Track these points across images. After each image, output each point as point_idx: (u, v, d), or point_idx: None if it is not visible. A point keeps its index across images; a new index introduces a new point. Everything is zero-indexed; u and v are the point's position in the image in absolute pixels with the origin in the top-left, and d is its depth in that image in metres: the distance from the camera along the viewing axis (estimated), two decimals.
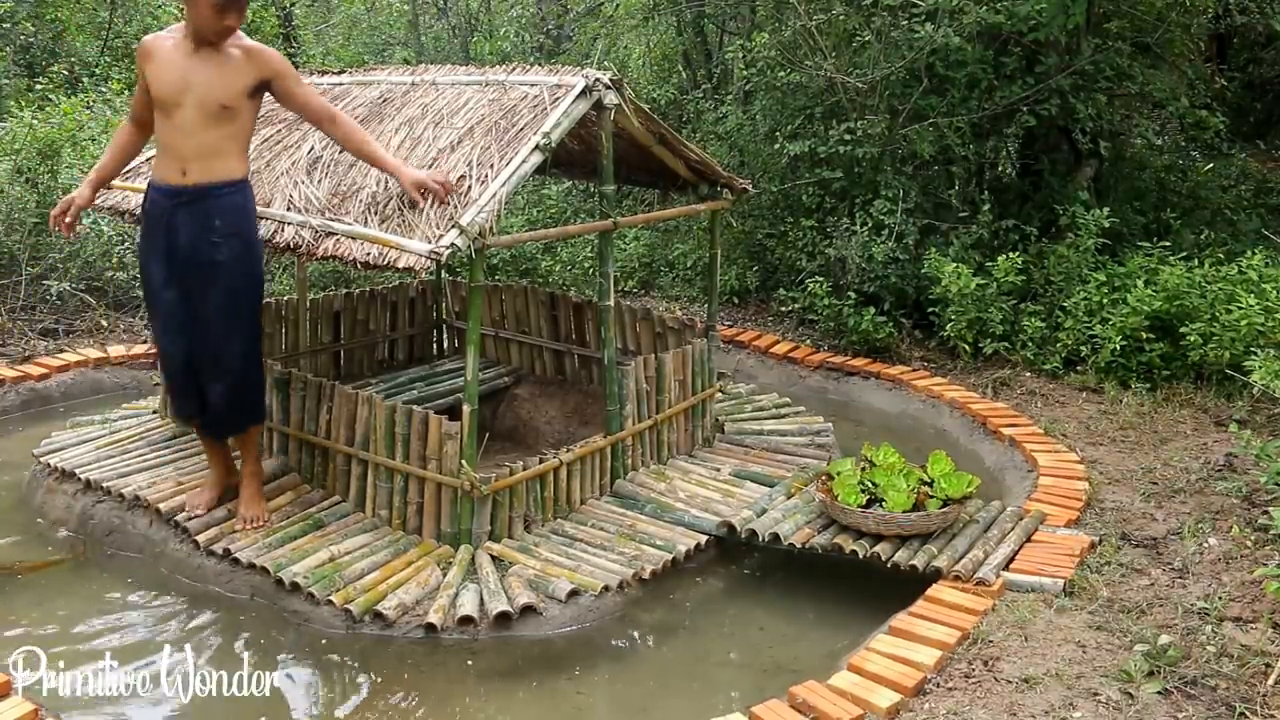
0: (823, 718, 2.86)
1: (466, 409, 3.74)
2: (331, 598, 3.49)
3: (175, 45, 3.60)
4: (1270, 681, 2.94)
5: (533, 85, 4.01)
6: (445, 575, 3.65)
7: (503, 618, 3.46)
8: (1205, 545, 3.82)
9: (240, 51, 3.61)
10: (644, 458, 4.55)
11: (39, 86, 9.03)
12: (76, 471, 4.31)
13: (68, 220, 3.87)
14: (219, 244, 3.63)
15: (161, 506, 4.00)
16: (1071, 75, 6.35)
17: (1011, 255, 5.96)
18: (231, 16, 3.51)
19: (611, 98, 3.96)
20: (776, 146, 6.96)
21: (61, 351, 6.07)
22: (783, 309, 7.02)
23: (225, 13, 3.49)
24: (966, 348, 6.01)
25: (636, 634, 3.61)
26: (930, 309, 6.23)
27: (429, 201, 3.61)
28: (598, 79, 3.91)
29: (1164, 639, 3.14)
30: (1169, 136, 8.15)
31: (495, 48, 10.78)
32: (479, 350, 3.84)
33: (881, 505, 3.86)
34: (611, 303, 4.24)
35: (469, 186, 3.62)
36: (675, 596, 3.82)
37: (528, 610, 3.50)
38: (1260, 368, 4.32)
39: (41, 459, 4.46)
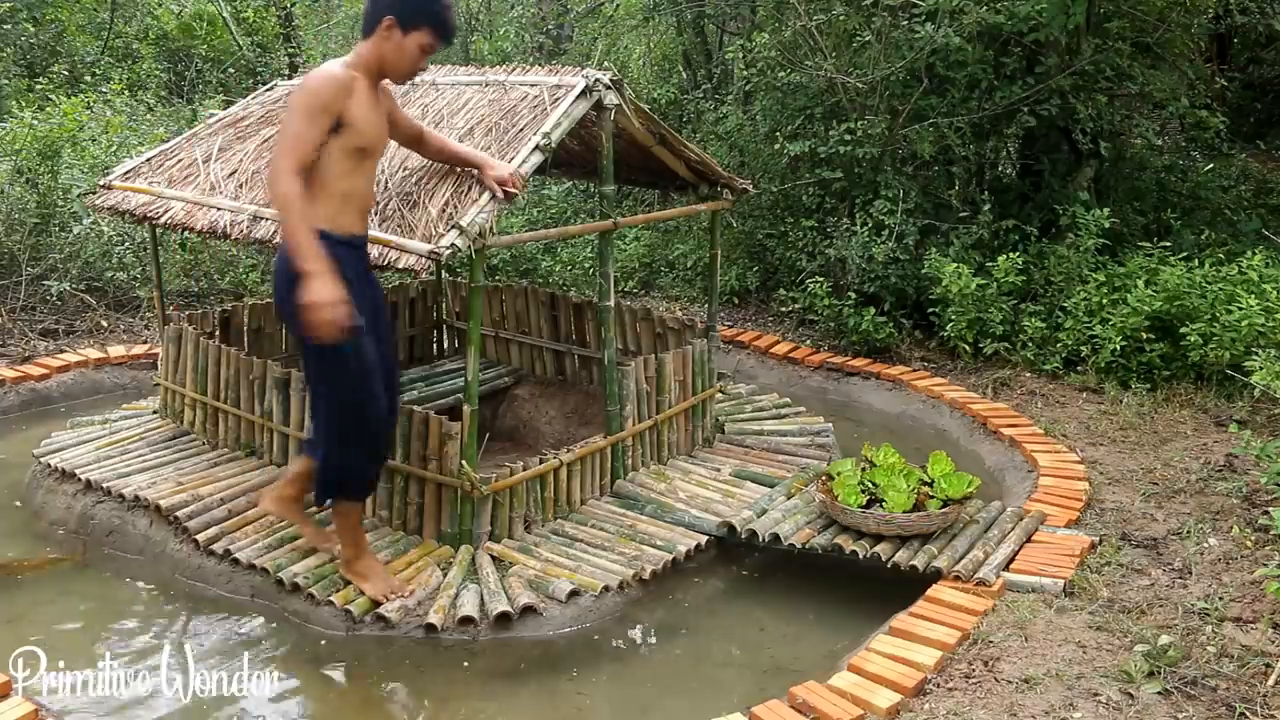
0: (823, 718, 2.86)
1: (467, 409, 3.74)
2: (332, 598, 3.49)
3: (366, 86, 3.28)
4: (1270, 681, 2.94)
5: (533, 85, 4.01)
6: (446, 575, 3.65)
7: (503, 618, 3.46)
8: (1205, 545, 3.82)
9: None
10: (644, 458, 4.55)
11: (39, 86, 9.05)
12: (76, 472, 4.31)
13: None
14: (379, 286, 3.61)
15: (162, 504, 3.99)
16: (1071, 75, 6.35)
17: (1011, 255, 5.97)
18: (425, 60, 3.34)
19: (612, 98, 3.96)
20: (776, 147, 6.97)
21: (61, 351, 6.07)
22: (783, 309, 7.02)
23: (426, 55, 3.29)
24: (966, 348, 6.01)
25: (637, 634, 3.60)
26: (930, 309, 6.23)
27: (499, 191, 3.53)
28: (598, 79, 3.91)
29: (1164, 639, 3.14)
30: (1169, 137, 8.15)
31: (495, 48, 10.81)
32: (479, 350, 3.84)
33: (882, 505, 3.85)
34: (611, 303, 4.24)
35: (469, 186, 3.62)
36: (675, 596, 3.82)
37: (528, 610, 3.50)
38: (1260, 368, 4.32)
39: (41, 459, 4.47)
